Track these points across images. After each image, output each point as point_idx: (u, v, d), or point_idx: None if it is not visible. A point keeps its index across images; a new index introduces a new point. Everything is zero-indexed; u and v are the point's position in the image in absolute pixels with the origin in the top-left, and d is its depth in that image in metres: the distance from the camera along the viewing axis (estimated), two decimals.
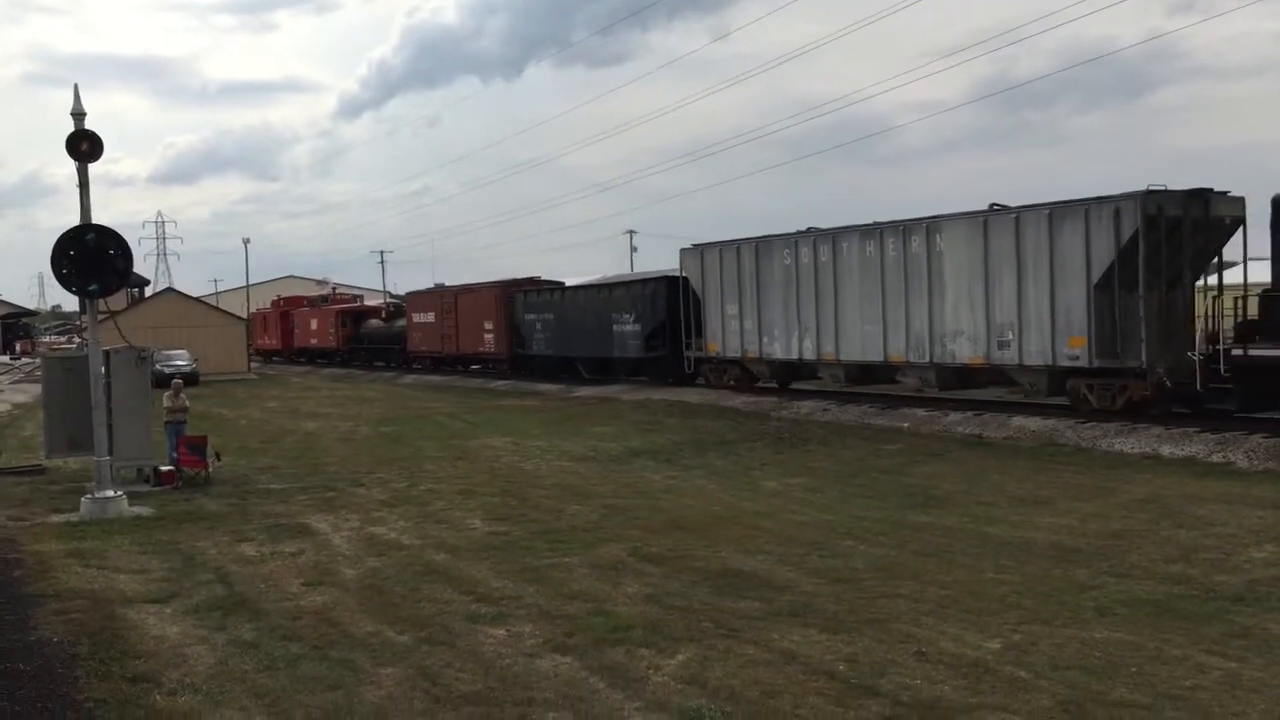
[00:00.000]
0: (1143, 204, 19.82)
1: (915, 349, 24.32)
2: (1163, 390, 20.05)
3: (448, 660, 7.86)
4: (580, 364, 37.88)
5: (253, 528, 13.37)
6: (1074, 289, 20.92)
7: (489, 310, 42.44)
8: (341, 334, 57.51)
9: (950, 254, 23.43)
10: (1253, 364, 18.00)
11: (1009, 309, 22.18)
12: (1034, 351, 21.77)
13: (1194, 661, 7.39)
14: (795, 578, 10.10)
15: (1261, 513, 12.53)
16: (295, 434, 24.96)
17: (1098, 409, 21.10)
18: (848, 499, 14.59)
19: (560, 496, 15.15)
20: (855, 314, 25.77)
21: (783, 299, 27.91)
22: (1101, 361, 20.74)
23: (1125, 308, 20.33)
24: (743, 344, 29.51)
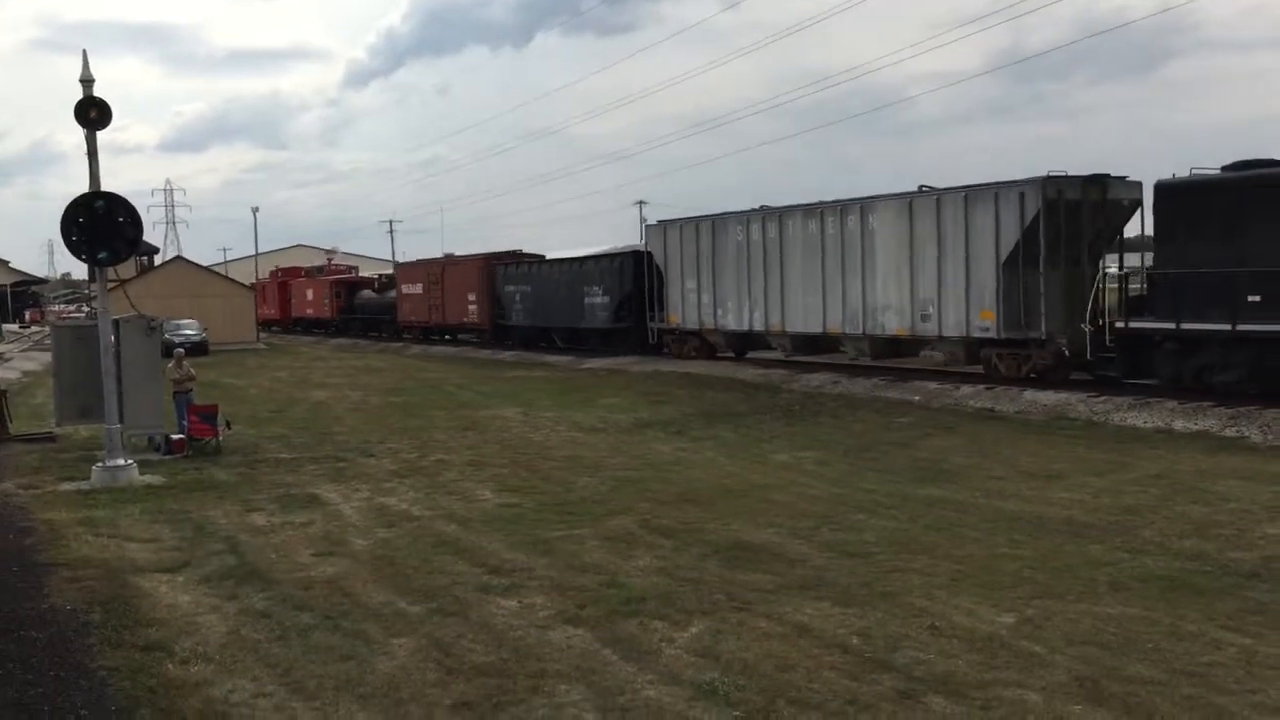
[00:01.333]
0: (1043, 188, 21.64)
1: (851, 321, 26.22)
2: (1062, 359, 21.95)
3: (460, 631, 7.86)
4: (555, 334, 39.93)
5: (263, 497, 13.39)
6: (985, 266, 22.71)
7: (472, 282, 44.17)
8: (336, 304, 59.03)
9: (881, 233, 25.20)
10: (1132, 335, 19.97)
11: (930, 284, 23.99)
12: (951, 324, 23.69)
13: (1209, 638, 7.35)
14: (807, 551, 10.07)
15: (1276, 488, 12.45)
16: (305, 403, 24.98)
17: (1006, 376, 22.89)
18: (858, 472, 14.54)
19: (570, 468, 15.13)
20: (799, 288, 27.59)
21: (735, 274, 29.67)
22: (1009, 333, 22.58)
23: (1029, 284, 22.12)
24: (700, 316, 31.32)
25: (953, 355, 24.65)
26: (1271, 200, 17.84)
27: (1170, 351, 19.65)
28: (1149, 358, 19.98)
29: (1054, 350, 22.07)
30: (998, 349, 23.29)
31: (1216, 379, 19.04)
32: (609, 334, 35.91)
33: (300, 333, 63.56)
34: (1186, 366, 19.48)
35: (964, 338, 23.62)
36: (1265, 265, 17.66)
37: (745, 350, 31.39)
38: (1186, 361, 19.47)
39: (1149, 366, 20.09)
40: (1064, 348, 21.82)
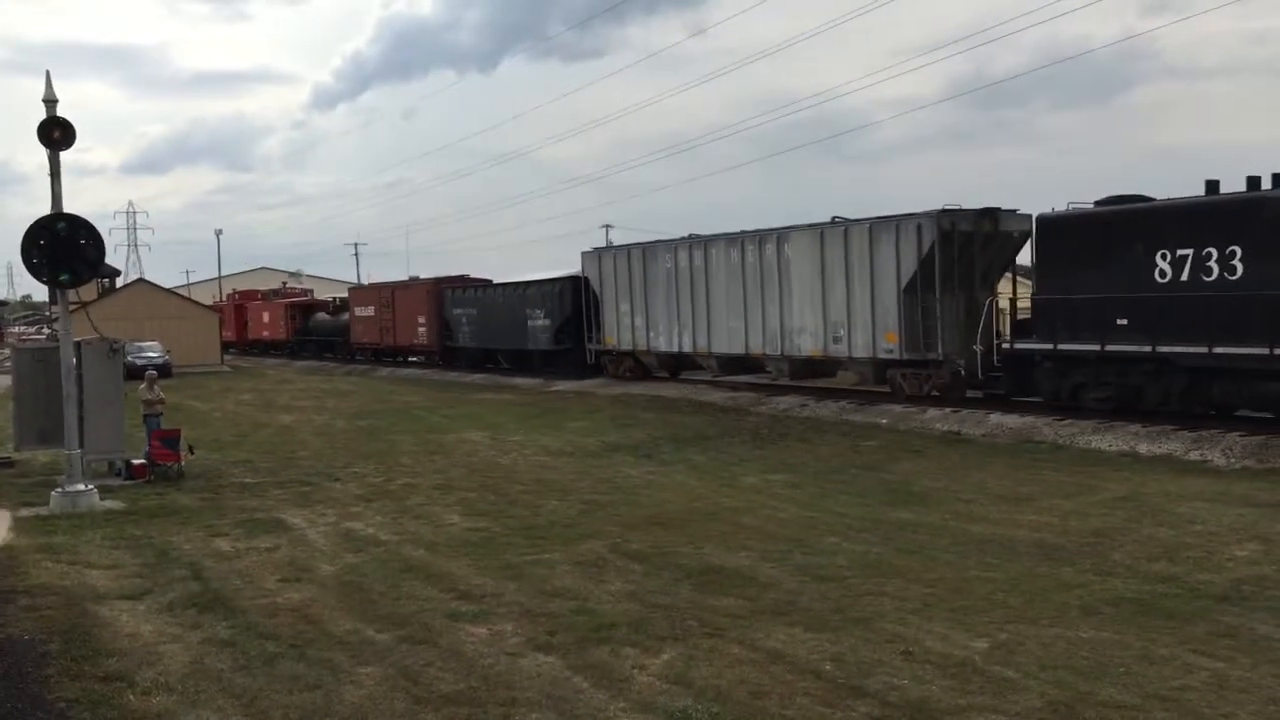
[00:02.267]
0: (938, 221, 23.22)
1: (770, 343, 27.66)
2: (958, 378, 23.55)
3: (429, 659, 7.73)
4: (500, 355, 41.29)
5: (227, 522, 13.18)
6: (888, 292, 24.22)
7: (422, 306, 45.43)
8: (291, 326, 60.10)
9: (796, 261, 26.73)
10: (1017, 355, 21.78)
11: (840, 309, 25.53)
12: (860, 345, 25.21)
13: (1181, 661, 7.35)
14: (778, 575, 10.02)
15: (1241, 510, 12.55)
16: (270, 427, 24.72)
17: (910, 394, 24.36)
18: (828, 495, 14.53)
19: (539, 492, 15.03)
20: (724, 312, 29.15)
21: (666, 298, 31.25)
22: (910, 354, 24.13)
23: (927, 309, 23.61)
24: (634, 338, 32.89)
25: (863, 375, 26.07)
26: (1135, 232, 19.46)
27: (1049, 370, 21.32)
28: (1031, 376, 21.68)
29: (951, 370, 23.59)
30: (901, 369, 24.74)
31: (1089, 396, 20.63)
32: (550, 355, 37.15)
33: (257, 354, 64.34)
34: (1063, 384, 21.09)
35: (872, 358, 25.09)
36: (1130, 291, 19.33)
37: (678, 370, 32.93)
38: (1063, 380, 21.09)
39: (1031, 385, 21.78)
40: (960, 368, 23.25)
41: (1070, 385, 20.96)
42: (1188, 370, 18.99)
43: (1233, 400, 18.92)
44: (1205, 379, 18.85)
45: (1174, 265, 18.77)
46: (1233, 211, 18.29)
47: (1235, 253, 17.91)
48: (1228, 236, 18.03)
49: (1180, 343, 18.65)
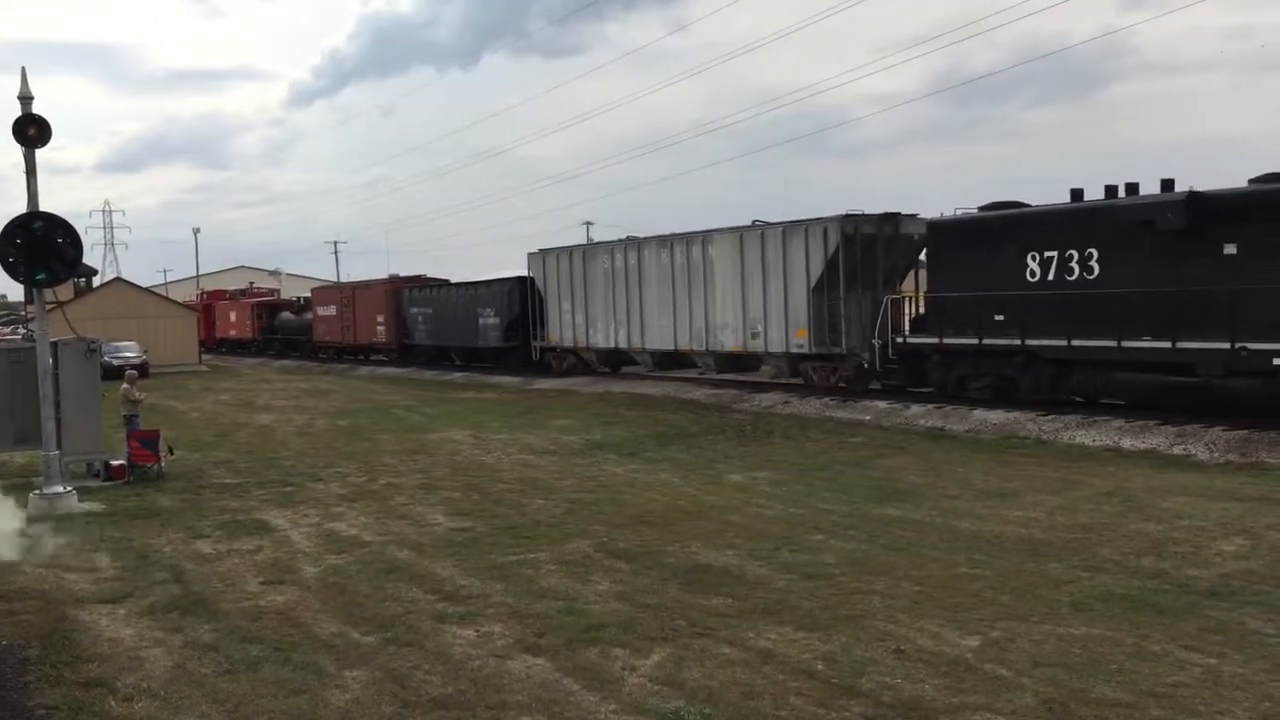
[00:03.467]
0: (842, 225, 25.10)
1: (697, 339, 29.48)
2: (862, 370, 25.34)
3: (416, 662, 7.64)
4: (453, 352, 42.73)
5: (208, 524, 13.04)
6: (799, 291, 25.91)
7: (380, 305, 46.90)
8: (257, 325, 61.34)
9: (719, 262, 28.47)
10: (909, 349, 23.56)
11: (758, 307, 27.18)
12: (775, 340, 26.86)
13: (1174, 658, 7.33)
14: (767, 573, 9.96)
15: (1226, 505, 12.57)
16: (250, 427, 24.51)
17: (819, 386, 26.26)
18: (814, 492, 14.47)
19: (523, 491, 14.93)
20: (656, 310, 30.88)
21: (604, 297, 32.92)
22: (818, 349, 25.92)
23: (833, 307, 25.42)
24: (575, 335, 34.60)
25: (778, 368, 27.93)
26: (1010, 236, 21.36)
27: (937, 363, 23.18)
28: (923, 368, 23.48)
29: (855, 363, 25.44)
30: (812, 363, 26.61)
31: (971, 386, 22.47)
32: (500, 352, 38.87)
33: (224, 353, 65.37)
34: (949, 375, 22.99)
35: (786, 353, 26.89)
36: (1005, 290, 21.21)
37: (618, 366, 34.73)
38: (949, 371, 22.99)
39: (923, 376, 23.57)
40: (863, 361, 25.03)
41: (955, 376, 22.85)
42: (1053, 361, 20.81)
43: (1089, 389, 20.64)
44: (1067, 369, 20.66)
45: (1042, 266, 20.73)
46: (1090, 217, 20.12)
47: (1092, 254, 19.88)
48: (1086, 240, 19.98)
49: (1045, 336, 20.58)
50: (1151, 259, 18.92)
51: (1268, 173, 18.11)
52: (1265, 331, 17.15)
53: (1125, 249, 19.33)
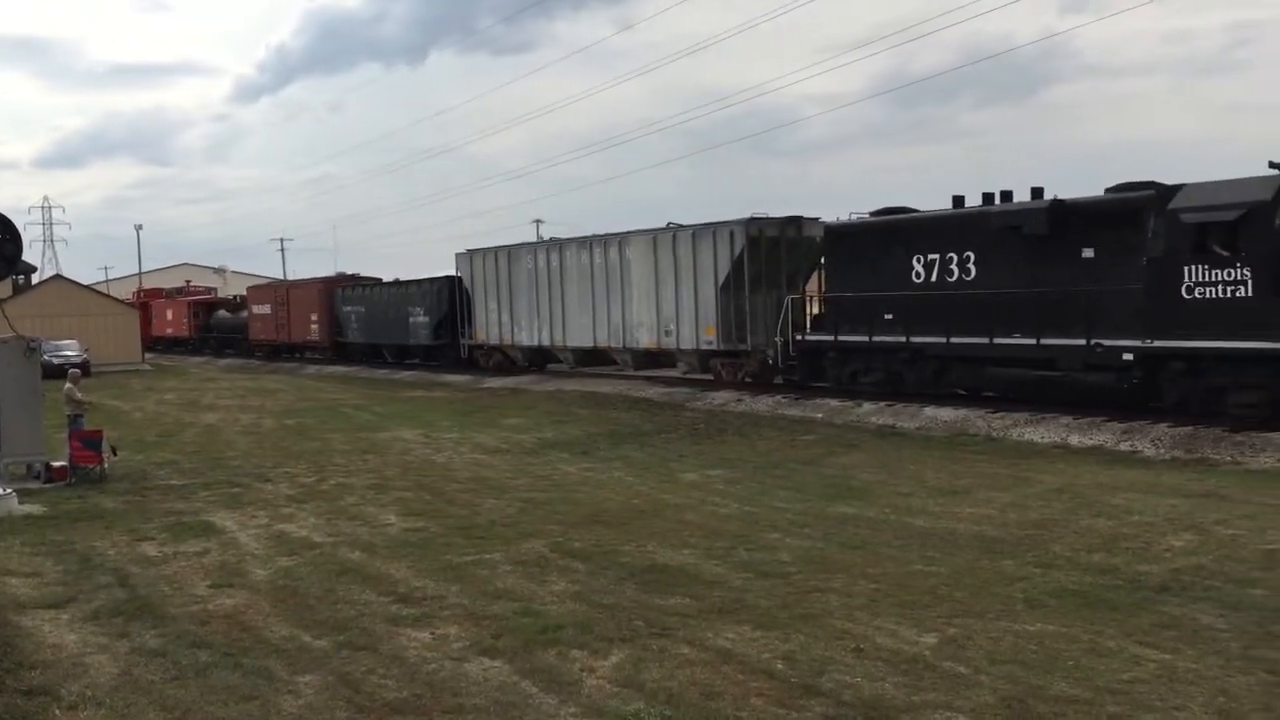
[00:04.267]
0: (747, 228, 26.45)
1: (614, 336, 30.64)
2: (766, 366, 26.65)
3: (370, 666, 7.50)
4: (385, 350, 44.10)
5: (153, 526, 12.76)
6: (708, 291, 27.26)
7: (314, 303, 47.96)
8: (194, 323, 62.55)
9: (634, 263, 29.72)
10: (808, 346, 24.90)
11: (671, 306, 28.48)
12: (686, 338, 28.18)
13: (1129, 654, 7.38)
14: (723, 572, 9.93)
15: (1174, 501, 12.73)
16: (195, 427, 24.11)
17: (728, 381, 27.45)
18: (768, 490, 14.48)
19: (476, 490, 14.79)
20: (576, 309, 32.03)
21: (528, 297, 34.11)
22: (726, 345, 27.20)
23: (739, 306, 26.68)
24: (501, 333, 35.82)
25: (690, 364, 29.13)
26: (898, 240, 22.74)
27: (833, 359, 24.48)
28: (820, 364, 24.79)
29: (760, 359, 26.71)
30: (720, 359, 27.84)
31: (863, 380, 23.82)
32: (430, 350, 40.20)
33: (161, 351, 65.18)
34: (844, 371, 24.32)
35: (696, 350, 28.17)
36: (894, 290, 22.51)
37: (544, 363, 35.76)
38: (844, 367, 24.31)
39: (821, 372, 24.89)
40: (768, 357, 26.34)
41: (849, 371, 24.21)
42: (935, 357, 22.20)
43: (967, 383, 22.26)
44: (948, 365, 22.13)
45: (926, 268, 22.11)
46: (968, 223, 21.52)
47: (970, 257, 21.30)
48: (964, 244, 21.37)
49: (928, 334, 21.99)
50: (1020, 262, 20.34)
51: (1122, 182, 19.42)
52: (1117, 329, 18.57)
53: (998, 253, 20.71)
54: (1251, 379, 17.19)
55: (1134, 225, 18.53)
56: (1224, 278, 17.10)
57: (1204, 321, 17.33)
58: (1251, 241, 16.85)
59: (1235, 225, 17.01)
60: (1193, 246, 17.52)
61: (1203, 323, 17.34)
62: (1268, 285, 16.61)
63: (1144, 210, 18.46)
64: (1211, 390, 17.83)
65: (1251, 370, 17.14)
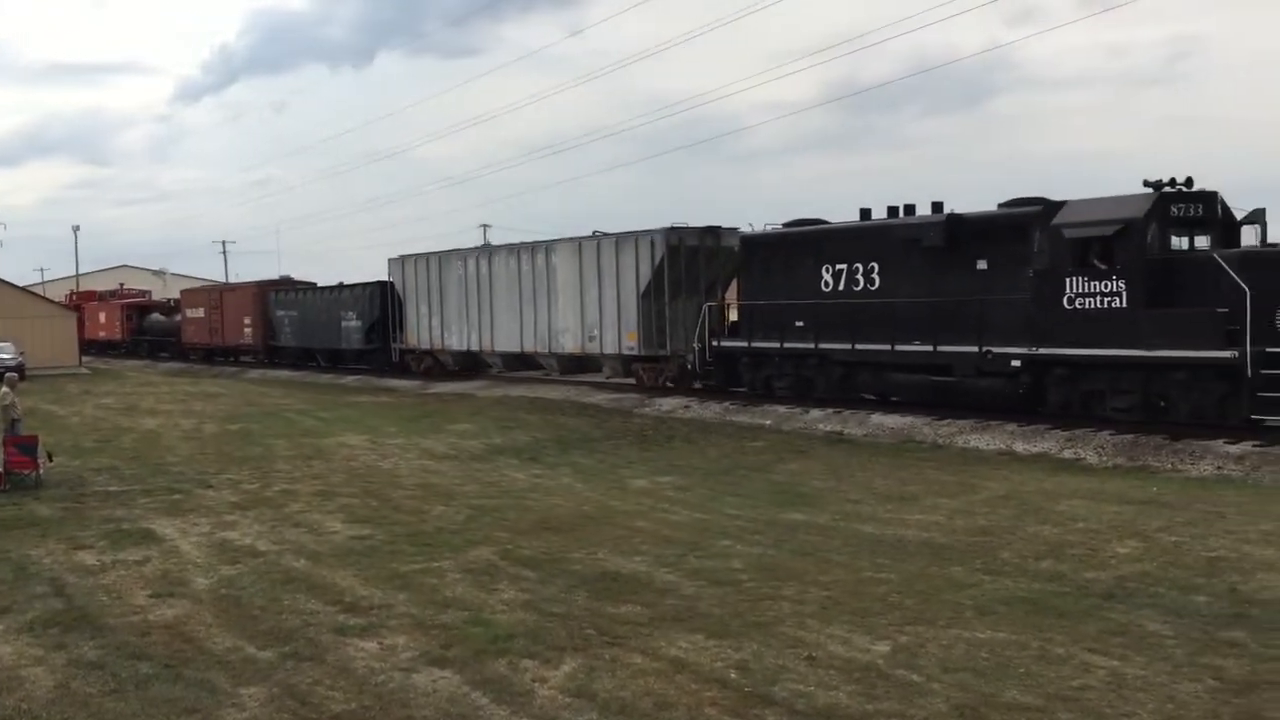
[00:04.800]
0: (667, 237, 27.34)
1: (541, 342, 31.47)
2: (685, 370, 27.34)
3: (316, 677, 7.35)
4: (318, 354, 44.64)
5: (91, 534, 12.46)
6: (630, 298, 27.94)
7: (248, 307, 48.23)
8: (127, 326, 62.30)
9: (560, 270, 30.54)
10: (724, 352, 25.82)
11: (595, 312, 29.17)
12: (609, 343, 28.83)
13: (1078, 661, 7.43)
14: (675, 580, 9.88)
15: (1118, 508, 12.89)
16: (134, 432, 23.62)
17: (649, 385, 28.22)
18: (718, 497, 14.47)
19: (423, 497, 14.62)
20: (505, 314, 32.77)
21: (458, 302, 34.82)
22: (647, 350, 27.92)
23: (659, 312, 27.46)
24: (431, 337, 36.43)
25: (614, 369, 29.80)
26: (807, 251, 23.65)
27: (747, 364, 25.35)
28: (736, 369, 25.65)
29: (679, 364, 27.44)
30: (642, 363, 28.48)
31: (776, 385, 24.69)
32: (362, 353, 40.72)
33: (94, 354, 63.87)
34: (758, 376, 25.15)
35: (619, 354, 28.83)
36: (805, 299, 23.36)
37: (474, 367, 36.29)
38: (758, 372, 25.17)
39: (737, 377, 25.72)
40: (687, 362, 27.06)
41: (763, 376, 25.01)
42: (842, 363, 23.03)
43: (872, 388, 23.12)
44: (854, 370, 22.97)
45: (834, 277, 23.00)
46: (873, 235, 22.48)
47: (875, 268, 22.18)
48: (869, 255, 22.29)
49: (835, 341, 22.81)
50: (920, 273, 21.25)
51: (1013, 198, 20.35)
52: (1006, 337, 19.54)
53: (899, 263, 21.67)
54: (1125, 384, 18.28)
55: (1022, 239, 19.40)
56: (1101, 289, 18.10)
57: (1084, 330, 18.33)
58: (1126, 256, 17.81)
59: (1112, 240, 17.95)
60: (1074, 260, 18.51)
61: (1083, 331, 18.35)
62: (1140, 297, 17.60)
63: (1031, 225, 19.33)
64: (1091, 394, 18.91)
65: (1126, 376, 18.22)
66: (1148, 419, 17.95)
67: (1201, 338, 16.91)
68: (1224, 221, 18.25)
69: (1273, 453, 15.86)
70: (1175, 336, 17.21)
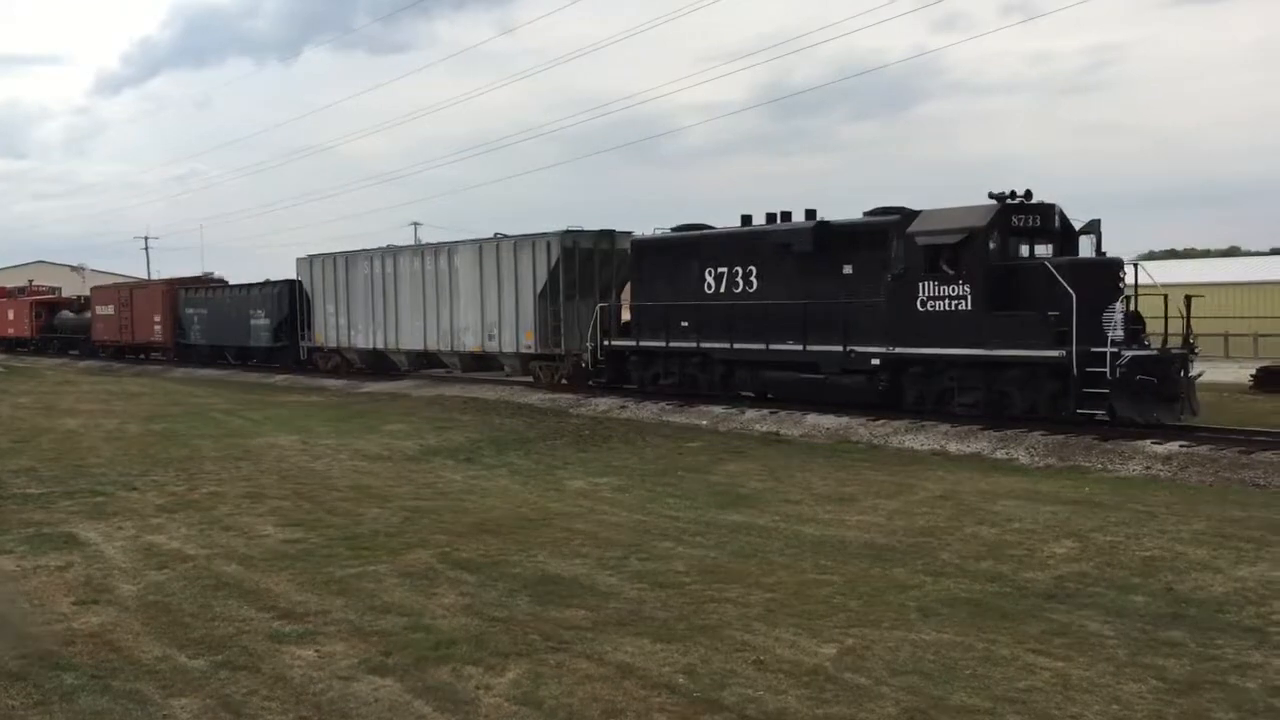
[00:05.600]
0: (562, 240, 28.47)
1: (444, 340, 32.43)
2: (579, 368, 28.32)
3: (251, 687, 7.12)
4: (227, 351, 44.93)
5: (10, 538, 11.99)
6: (527, 299, 29.15)
7: (157, 305, 48.59)
8: (36, 324, 61.35)
9: (462, 271, 31.60)
10: (614, 350, 26.95)
11: (494, 311, 30.31)
12: (508, 342, 30.07)
13: (1023, 662, 7.45)
14: (617, 583, 9.77)
15: (1052, 508, 13.04)
16: (53, 432, 22.92)
17: (545, 383, 29.39)
18: (657, 498, 14.38)
19: (357, 499, 14.33)
20: (409, 314, 33.70)
21: (365, 301, 35.68)
22: (543, 349, 29.10)
23: (555, 312, 28.58)
24: (339, 336, 37.36)
25: (513, 367, 31.01)
26: (692, 254, 25.02)
27: (636, 362, 26.59)
28: (625, 367, 26.82)
29: (574, 362, 28.55)
30: (539, 361, 29.64)
31: (661, 382, 26.06)
32: (271, 351, 41.36)
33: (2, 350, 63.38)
34: (647, 373, 26.40)
35: (517, 353, 30.00)
36: (689, 300, 24.74)
37: (378, 365, 36.77)
38: (646, 370, 26.40)
39: (628, 375, 26.91)
40: (582, 360, 28.05)
41: (651, 374, 26.29)
42: (722, 361, 24.31)
43: (749, 385, 24.28)
44: (732, 368, 24.25)
45: (716, 280, 24.29)
46: (751, 240, 23.82)
47: (752, 271, 23.48)
48: (748, 259, 23.60)
49: (716, 340, 24.11)
50: (792, 276, 22.64)
51: (877, 207, 21.84)
52: (867, 337, 21.03)
53: (774, 267, 23.01)
54: (971, 381, 19.82)
55: (882, 246, 20.79)
56: (949, 293, 19.62)
57: (934, 331, 19.86)
58: (970, 262, 19.31)
59: (958, 248, 19.46)
60: (926, 265, 19.97)
61: (933, 332, 19.87)
62: (983, 300, 19.11)
63: (889, 233, 20.71)
64: (942, 391, 20.44)
65: (971, 374, 19.76)
66: (991, 414, 19.49)
67: (1034, 338, 18.44)
68: (1063, 231, 19.83)
69: (1198, 454, 16.21)
70: (1012, 337, 18.77)
